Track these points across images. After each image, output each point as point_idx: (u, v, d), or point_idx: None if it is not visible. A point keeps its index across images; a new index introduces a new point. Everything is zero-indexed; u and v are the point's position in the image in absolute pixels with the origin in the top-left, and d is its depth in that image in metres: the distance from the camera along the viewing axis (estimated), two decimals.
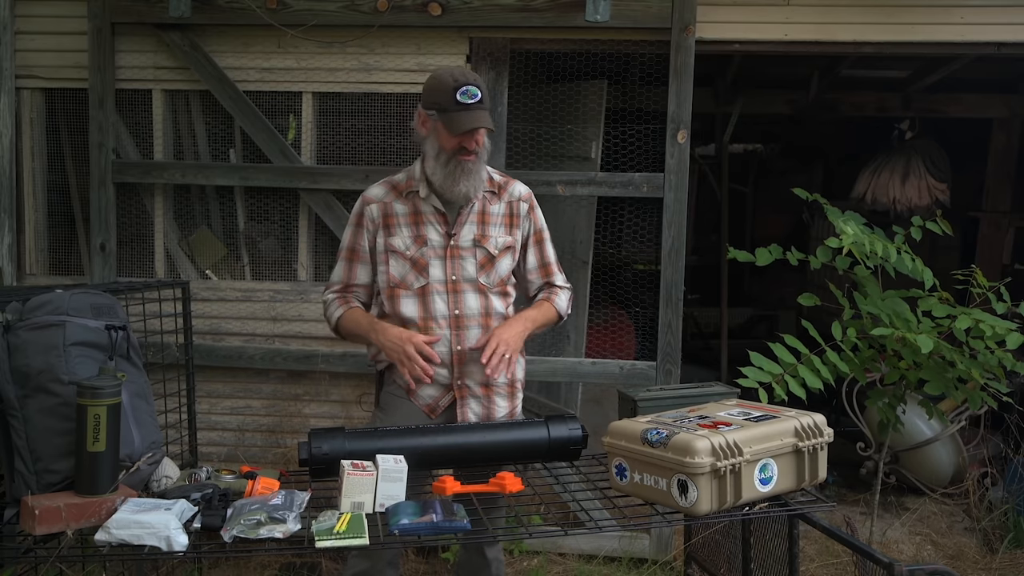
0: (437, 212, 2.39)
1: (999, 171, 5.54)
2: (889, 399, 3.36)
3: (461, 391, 2.41)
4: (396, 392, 2.45)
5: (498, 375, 2.33)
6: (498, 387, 2.44)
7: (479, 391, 2.42)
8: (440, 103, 2.29)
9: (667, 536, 3.51)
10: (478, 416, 2.42)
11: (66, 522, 1.76)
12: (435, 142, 2.33)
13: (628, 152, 3.63)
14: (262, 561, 3.31)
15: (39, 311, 2.00)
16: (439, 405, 2.42)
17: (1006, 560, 3.58)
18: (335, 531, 1.74)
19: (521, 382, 2.53)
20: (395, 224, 2.40)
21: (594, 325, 3.97)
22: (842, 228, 3.05)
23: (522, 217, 2.48)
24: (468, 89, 2.26)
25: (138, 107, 3.67)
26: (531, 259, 2.52)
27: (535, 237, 2.52)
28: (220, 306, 3.65)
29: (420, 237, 2.38)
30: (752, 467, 1.86)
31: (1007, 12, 3.39)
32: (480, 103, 2.28)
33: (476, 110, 2.27)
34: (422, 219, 2.39)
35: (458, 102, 2.25)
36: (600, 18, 3.38)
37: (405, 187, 2.43)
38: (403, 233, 2.39)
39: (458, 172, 2.31)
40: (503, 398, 2.46)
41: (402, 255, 2.39)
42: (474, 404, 2.42)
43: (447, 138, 2.29)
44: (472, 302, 2.39)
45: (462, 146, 2.29)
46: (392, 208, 2.41)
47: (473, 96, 2.26)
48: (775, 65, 4.86)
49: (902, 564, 1.95)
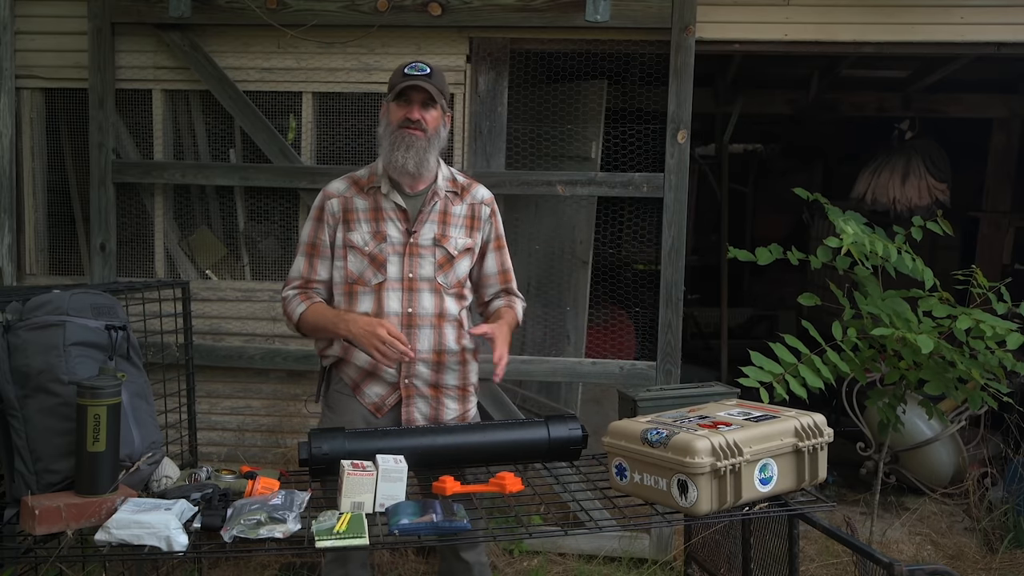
0: (398, 209, 2.38)
1: (999, 171, 5.54)
2: (889, 399, 3.36)
3: (408, 390, 2.39)
4: (342, 390, 2.44)
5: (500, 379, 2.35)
6: (448, 388, 2.43)
7: (427, 391, 2.40)
8: (392, 83, 2.35)
9: (667, 536, 3.51)
10: (425, 417, 2.40)
11: (66, 522, 1.76)
12: (385, 121, 2.38)
13: (628, 152, 3.63)
14: (262, 561, 3.31)
15: (39, 311, 2.00)
16: (385, 404, 2.40)
17: (1006, 560, 3.58)
18: (335, 531, 1.74)
19: (475, 386, 2.52)
20: (355, 219, 2.39)
21: (594, 325, 3.97)
22: (842, 228, 3.05)
23: (483, 220, 2.47)
24: (417, 64, 2.34)
25: (138, 107, 3.67)
26: (490, 264, 2.51)
27: (496, 243, 2.52)
28: (220, 306, 3.65)
29: (380, 233, 2.37)
30: (752, 467, 1.86)
31: (1007, 12, 3.39)
32: (427, 76, 2.31)
33: (420, 79, 2.30)
34: (382, 215, 2.38)
35: (406, 75, 2.31)
36: (600, 18, 3.38)
37: (367, 182, 2.42)
38: (362, 228, 2.38)
39: (399, 143, 2.31)
40: (454, 400, 2.45)
41: (360, 251, 2.37)
42: (421, 404, 2.40)
43: (394, 111, 2.34)
44: (426, 302, 2.37)
45: (406, 117, 2.31)
46: (353, 203, 2.40)
47: (420, 70, 2.32)
48: (775, 65, 4.86)
49: (902, 564, 1.95)
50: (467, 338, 2.45)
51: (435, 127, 2.35)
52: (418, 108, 2.32)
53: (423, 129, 2.32)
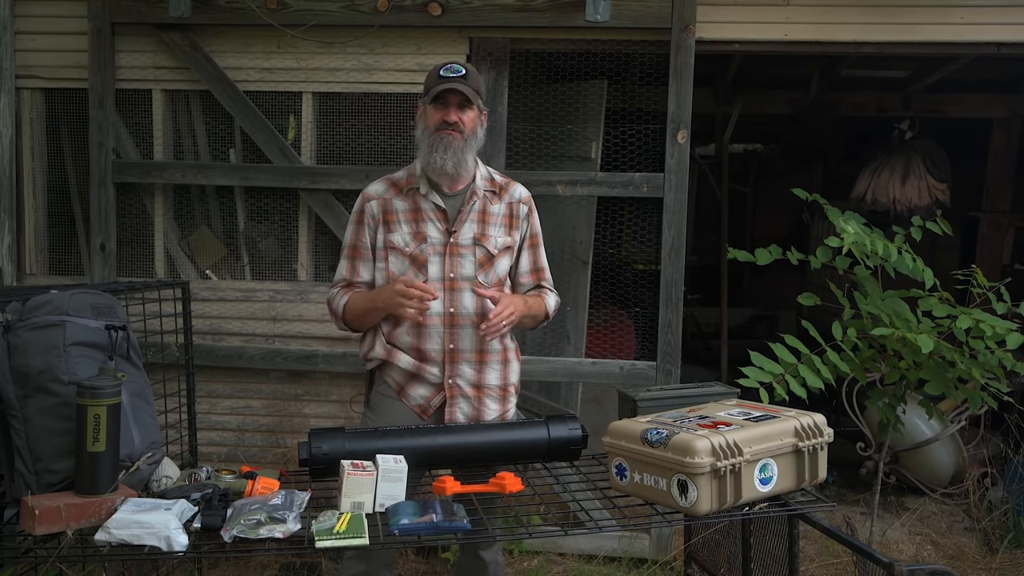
0: (437, 209, 2.39)
1: (999, 171, 5.54)
2: (889, 399, 3.36)
3: (451, 391, 2.40)
4: (387, 392, 2.45)
5: (491, 338, 2.34)
6: (490, 388, 2.44)
7: (470, 392, 2.41)
8: (428, 86, 2.36)
9: (667, 536, 3.51)
10: (467, 417, 2.41)
11: (66, 522, 1.76)
12: (423, 124, 2.39)
13: (628, 152, 3.63)
14: (262, 561, 3.31)
15: (39, 311, 1.99)
16: (430, 405, 2.41)
17: (1006, 560, 3.58)
18: (335, 531, 1.74)
19: (515, 387, 2.52)
20: (395, 220, 2.40)
21: (594, 325, 3.97)
22: (842, 227, 3.05)
23: (521, 219, 2.48)
24: (451, 66, 2.34)
25: (138, 107, 3.67)
26: (524, 262, 2.52)
27: (531, 240, 2.53)
28: (220, 306, 3.65)
29: (420, 234, 2.38)
30: (752, 467, 1.86)
31: (1007, 12, 3.40)
32: (463, 78, 2.32)
33: (456, 81, 2.31)
34: (422, 216, 2.40)
35: (441, 77, 2.32)
36: (600, 18, 3.38)
37: (406, 184, 2.43)
38: (403, 229, 2.39)
39: (438, 145, 2.32)
40: (494, 400, 2.45)
41: (401, 251, 2.39)
42: (464, 405, 2.41)
43: (431, 114, 2.35)
44: (468, 301, 2.38)
45: (443, 120, 2.32)
46: (392, 204, 2.42)
47: (456, 72, 2.32)
48: (775, 65, 4.86)
49: (902, 564, 1.95)
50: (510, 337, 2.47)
51: (472, 128, 2.36)
52: (455, 110, 2.33)
53: (460, 131, 2.33)
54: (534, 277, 2.54)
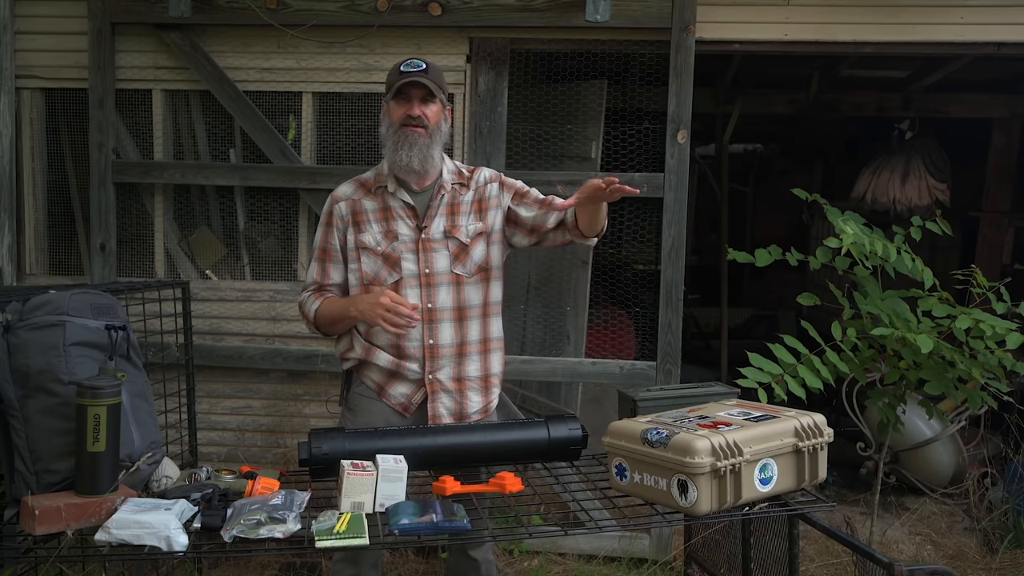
0: (406, 206, 2.39)
1: (999, 171, 5.53)
2: (889, 399, 3.36)
3: (432, 386, 2.38)
4: (365, 393, 2.44)
5: (619, 195, 2.19)
6: (471, 380, 2.42)
7: (451, 385, 2.40)
8: (389, 82, 2.36)
9: (667, 536, 3.51)
10: (450, 411, 2.39)
11: (66, 522, 1.76)
12: (387, 121, 2.38)
13: (628, 152, 3.63)
14: (262, 561, 3.31)
15: (39, 311, 2.00)
16: (412, 402, 2.40)
17: (1006, 560, 3.58)
18: (335, 531, 1.74)
19: (497, 377, 2.50)
20: (365, 221, 2.40)
21: (594, 325, 3.97)
22: (842, 228, 3.05)
23: (492, 197, 2.45)
24: (412, 61, 2.34)
25: (138, 107, 3.67)
26: (527, 211, 2.43)
27: (518, 196, 2.46)
28: (220, 306, 3.65)
29: (391, 232, 2.38)
30: (752, 467, 1.86)
31: (1007, 12, 3.40)
32: (423, 71, 2.32)
33: (417, 75, 2.31)
34: (392, 214, 2.39)
35: (402, 72, 2.32)
36: (600, 18, 3.38)
37: (374, 183, 2.43)
38: (373, 229, 2.39)
39: (402, 142, 2.32)
40: (476, 392, 2.43)
41: (373, 251, 2.38)
42: (445, 399, 2.40)
43: (394, 110, 2.35)
44: (444, 296, 2.37)
45: (407, 114, 2.32)
46: (361, 205, 2.41)
47: (416, 66, 2.32)
48: (775, 65, 4.86)
49: (902, 564, 1.95)
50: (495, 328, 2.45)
51: (436, 122, 2.36)
52: (418, 104, 2.33)
53: (424, 125, 2.33)
54: (547, 205, 2.42)
